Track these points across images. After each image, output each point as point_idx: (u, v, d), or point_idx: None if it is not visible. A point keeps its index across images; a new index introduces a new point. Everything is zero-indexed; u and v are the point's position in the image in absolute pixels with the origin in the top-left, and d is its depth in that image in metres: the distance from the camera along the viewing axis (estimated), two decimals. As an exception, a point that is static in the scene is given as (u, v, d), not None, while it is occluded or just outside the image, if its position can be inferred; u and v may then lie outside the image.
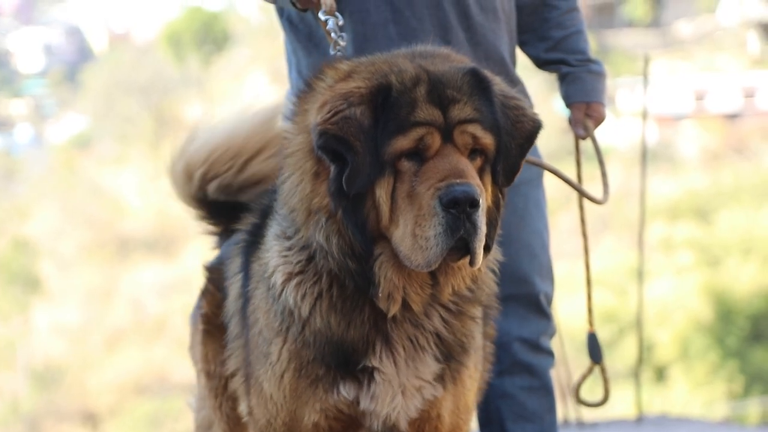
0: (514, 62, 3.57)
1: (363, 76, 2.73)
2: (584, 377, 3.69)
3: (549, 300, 3.56)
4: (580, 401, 3.77)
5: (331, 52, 3.08)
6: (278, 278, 2.83)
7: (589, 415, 7.12)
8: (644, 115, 8.43)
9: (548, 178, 3.67)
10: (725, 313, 25.17)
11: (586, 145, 3.66)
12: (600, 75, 3.65)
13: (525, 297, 3.50)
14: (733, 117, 31.12)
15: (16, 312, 34.33)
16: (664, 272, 25.22)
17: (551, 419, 3.59)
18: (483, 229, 2.59)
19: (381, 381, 2.80)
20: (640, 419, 7.20)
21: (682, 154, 31.74)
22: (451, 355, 2.83)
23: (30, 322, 34.31)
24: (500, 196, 2.77)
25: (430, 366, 2.81)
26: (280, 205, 2.87)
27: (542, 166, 3.50)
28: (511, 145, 2.72)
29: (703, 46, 40.67)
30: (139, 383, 32.46)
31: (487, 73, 2.77)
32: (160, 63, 42.50)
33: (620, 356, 21.25)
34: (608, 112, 3.72)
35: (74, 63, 48.53)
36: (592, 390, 4.07)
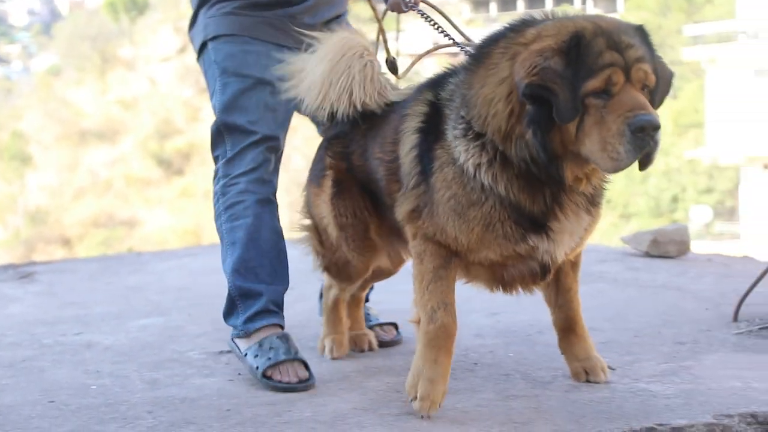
0: None
1: (551, 35, 2.90)
2: None
3: None
4: None
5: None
6: (470, 166, 3.06)
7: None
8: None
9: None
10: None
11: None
12: None
13: None
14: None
15: (15, 177, 39.01)
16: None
17: None
18: (660, 143, 2.77)
19: (559, 232, 3.13)
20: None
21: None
22: (594, 207, 3.22)
23: (25, 183, 39.05)
24: None
25: (584, 218, 3.17)
26: (462, 107, 3.10)
27: None
28: (663, 84, 2.97)
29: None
30: (96, 221, 37.27)
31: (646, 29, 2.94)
32: (104, 21, 45.12)
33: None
34: None
35: (48, 21, 51.97)
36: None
